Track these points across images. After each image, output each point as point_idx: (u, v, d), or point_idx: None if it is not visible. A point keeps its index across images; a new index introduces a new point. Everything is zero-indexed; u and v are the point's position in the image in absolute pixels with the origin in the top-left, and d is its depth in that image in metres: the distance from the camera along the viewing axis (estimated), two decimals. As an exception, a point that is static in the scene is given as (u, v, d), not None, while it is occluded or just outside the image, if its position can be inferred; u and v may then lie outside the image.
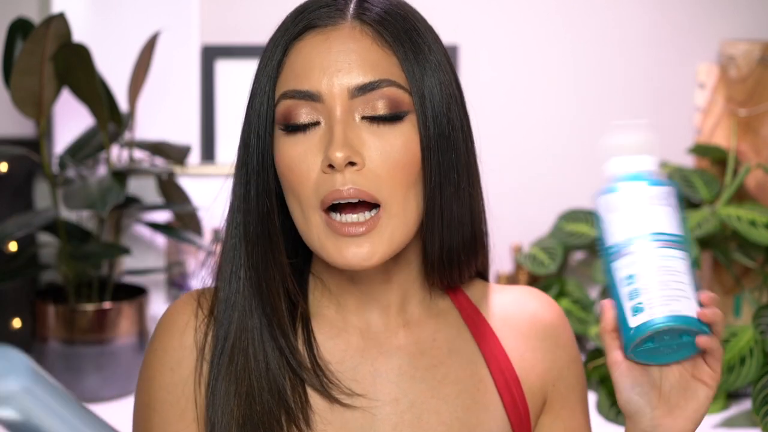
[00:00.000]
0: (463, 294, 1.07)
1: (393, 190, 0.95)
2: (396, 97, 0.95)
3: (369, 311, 1.03)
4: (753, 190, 1.95)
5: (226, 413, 0.98)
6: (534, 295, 1.10)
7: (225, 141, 2.00)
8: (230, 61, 1.99)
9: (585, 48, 2.05)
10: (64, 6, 1.88)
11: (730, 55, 1.98)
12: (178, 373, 1.01)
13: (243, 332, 1.00)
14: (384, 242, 0.95)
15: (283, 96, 0.96)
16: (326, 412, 0.99)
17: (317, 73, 0.95)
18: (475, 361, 1.04)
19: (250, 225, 1.00)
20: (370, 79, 0.95)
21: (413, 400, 1.01)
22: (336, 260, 0.95)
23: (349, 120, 0.95)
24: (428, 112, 0.96)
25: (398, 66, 0.96)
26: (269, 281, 1.00)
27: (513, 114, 2.05)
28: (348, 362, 1.02)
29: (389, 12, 0.98)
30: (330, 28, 0.97)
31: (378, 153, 0.94)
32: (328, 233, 0.95)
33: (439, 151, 0.96)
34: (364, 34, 0.96)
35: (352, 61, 0.95)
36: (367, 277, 1.02)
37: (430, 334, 1.04)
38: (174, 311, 1.04)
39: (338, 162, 0.92)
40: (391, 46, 0.96)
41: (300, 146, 0.95)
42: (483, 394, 1.03)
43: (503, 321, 1.07)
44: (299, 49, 0.97)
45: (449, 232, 0.99)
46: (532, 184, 2.05)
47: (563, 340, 1.08)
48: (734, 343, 1.66)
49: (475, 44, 2.02)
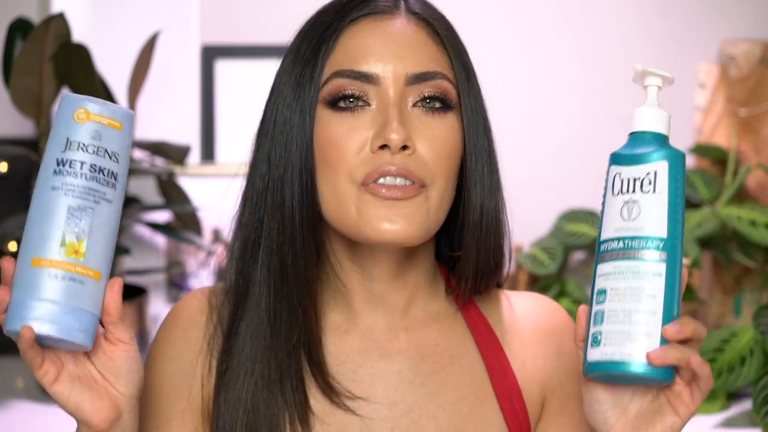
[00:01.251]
0: (471, 301, 1.06)
1: (438, 177, 0.96)
2: (447, 90, 0.97)
3: (374, 312, 1.03)
4: (753, 190, 1.95)
5: (230, 410, 0.99)
6: (540, 302, 1.09)
7: (225, 141, 1.99)
8: (230, 61, 1.99)
9: (585, 48, 2.04)
10: (64, 6, 1.88)
11: (731, 55, 1.98)
12: (176, 365, 1.02)
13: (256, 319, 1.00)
14: (421, 217, 0.94)
15: (336, 74, 0.96)
16: (324, 413, 0.99)
17: (376, 57, 0.96)
18: (477, 368, 1.03)
19: (290, 207, 0.97)
20: (427, 69, 0.96)
21: (411, 404, 1.01)
22: (372, 230, 0.94)
23: (402, 105, 0.96)
24: (472, 112, 0.99)
25: (449, 64, 0.99)
26: (301, 265, 0.98)
27: (512, 114, 2.05)
28: (348, 364, 1.02)
29: (435, 11, 1.02)
30: (388, 15, 0.98)
31: (427, 141, 0.96)
32: (368, 200, 0.94)
33: (478, 151, 0.99)
34: (419, 27, 0.99)
35: (412, 48, 0.97)
36: (378, 274, 1.01)
37: (433, 339, 1.04)
38: (182, 306, 1.05)
39: (395, 143, 0.93)
40: (443, 42, 0.99)
41: (348, 123, 0.95)
42: (482, 403, 1.02)
43: (508, 328, 1.06)
44: (354, 32, 0.97)
45: (487, 237, 1.00)
46: (532, 183, 2.05)
47: (566, 349, 1.05)
48: (734, 343, 1.66)
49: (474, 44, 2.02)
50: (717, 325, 1.95)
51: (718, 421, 1.71)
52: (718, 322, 1.96)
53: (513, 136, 2.05)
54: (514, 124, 2.05)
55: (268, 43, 1.97)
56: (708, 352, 1.68)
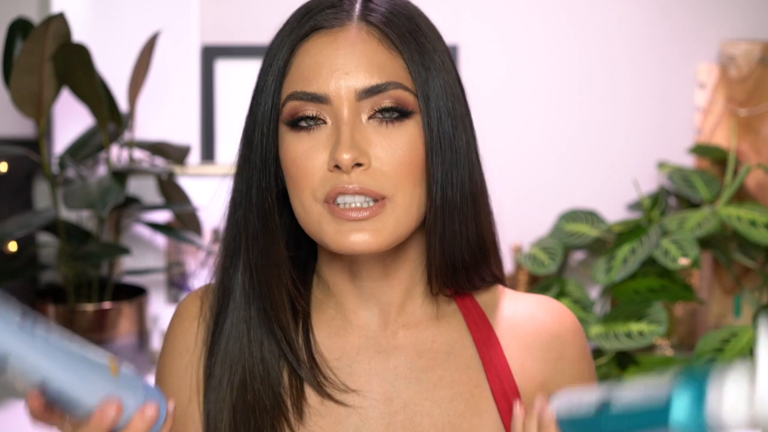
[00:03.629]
0: (471, 299, 1.06)
1: (399, 185, 0.96)
2: (402, 98, 0.96)
3: (369, 309, 1.04)
4: (753, 190, 1.95)
5: (219, 401, 1.00)
6: (547, 306, 1.08)
7: (225, 141, 1.99)
8: (230, 61, 1.99)
9: (585, 48, 2.04)
10: (64, 6, 1.88)
11: (731, 55, 1.98)
12: (186, 359, 1.04)
13: (238, 323, 1.02)
14: (387, 229, 0.96)
15: (291, 97, 0.97)
16: (320, 407, 1.00)
17: (325, 75, 0.96)
18: (474, 366, 1.04)
19: (250, 220, 1.01)
20: (377, 82, 0.96)
21: (407, 400, 1.01)
22: (338, 244, 0.96)
23: (356, 121, 0.96)
24: (433, 112, 0.97)
25: (404, 67, 0.97)
26: (269, 275, 1.01)
27: (512, 114, 2.05)
28: (345, 359, 1.03)
29: (394, 13, 0.99)
30: (337, 29, 0.98)
31: (384, 151, 0.96)
32: (330, 219, 0.96)
33: (442, 150, 0.98)
34: (370, 36, 0.97)
35: (359, 63, 0.96)
36: (367, 273, 1.02)
37: (430, 336, 1.04)
38: (185, 302, 1.08)
39: (345, 163, 0.94)
40: (397, 47, 0.97)
41: (306, 143, 0.97)
42: (478, 400, 1.02)
43: (509, 329, 1.06)
44: (306, 49, 0.98)
45: (451, 235, 1.00)
46: (532, 183, 2.05)
47: (570, 354, 1.06)
48: (734, 343, 1.67)
49: (474, 44, 2.02)
50: (717, 325, 1.95)
51: (718, 421, 1.71)
52: (718, 322, 1.96)
53: (513, 136, 2.06)
54: (514, 124, 2.06)
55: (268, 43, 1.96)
56: (708, 352, 1.68)
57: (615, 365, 1.81)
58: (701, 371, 0.82)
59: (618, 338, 1.73)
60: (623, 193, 2.03)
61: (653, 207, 1.90)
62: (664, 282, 1.79)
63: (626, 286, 1.80)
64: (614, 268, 1.78)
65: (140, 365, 1.80)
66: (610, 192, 2.04)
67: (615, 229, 1.91)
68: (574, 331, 1.07)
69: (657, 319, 1.72)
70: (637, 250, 1.78)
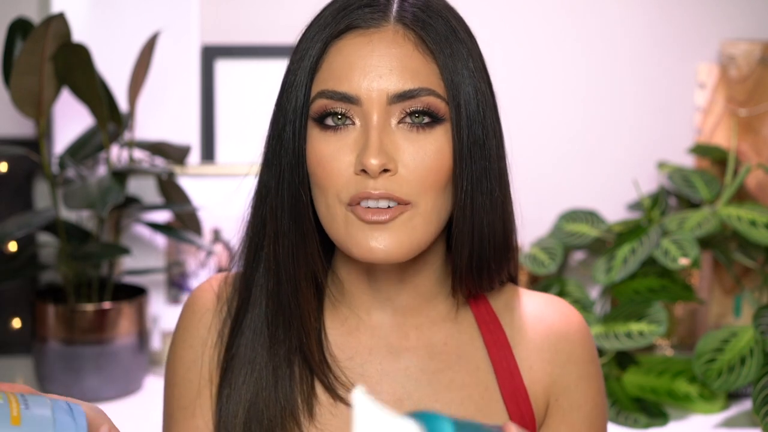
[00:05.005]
0: (484, 301, 1.06)
1: (423, 193, 0.95)
2: (433, 105, 0.96)
3: (382, 311, 1.03)
4: (753, 190, 1.95)
5: (234, 396, 1.00)
6: (556, 307, 1.08)
7: (225, 141, 1.99)
8: (230, 61, 1.99)
9: (585, 48, 2.04)
10: (64, 6, 1.88)
11: (731, 55, 1.98)
12: (199, 351, 1.04)
13: (258, 320, 1.02)
14: (406, 236, 0.95)
15: (321, 95, 0.96)
16: (331, 407, 1.00)
17: (357, 76, 0.95)
18: (484, 369, 1.03)
19: (281, 217, 0.99)
20: (410, 87, 0.95)
21: (417, 402, 1.01)
22: (359, 251, 0.95)
23: (385, 125, 0.95)
24: (463, 121, 0.97)
25: (437, 73, 0.96)
26: (297, 273, 1.00)
27: (512, 114, 2.05)
28: (357, 360, 1.03)
29: (431, 15, 0.98)
30: (373, 29, 0.96)
31: (411, 158, 0.95)
32: (352, 221, 0.95)
33: (472, 159, 0.97)
34: (406, 39, 0.96)
35: (393, 66, 0.95)
36: (384, 277, 1.02)
37: (442, 338, 1.04)
38: (198, 293, 1.07)
39: (372, 169, 0.93)
40: (432, 52, 0.96)
41: (333, 144, 0.96)
42: (488, 403, 1.02)
43: (519, 330, 1.06)
44: (340, 48, 0.97)
45: (480, 241, 0.99)
46: (532, 183, 2.05)
47: (577, 356, 1.06)
48: (734, 343, 1.66)
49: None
50: (717, 325, 1.95)
51: (718, 421, 1.71)
52: (718, 322, 1.96)
53: (513, 136, 2.06)
54: (515, 124, 2.05)
55: (268, 43, 1.97)
56: (708, 352, 1.68)
57: (615, 365, 1.81)
58: None
59: (618, 338, 1.73)
60: (623, 193, 2.03)
61: (653, 207, 1.90)
62: (664, 282, 1.79)
63: (626, 286, 1.80)
64: (614, 268, 1.78)
65: (140, 365, 1.80)
66: (610, 192, 2.04)
67: (615, 229, 1.91)
68: (582, 332, 1.07)
69: (657, 319, 1.72)
70: (637, 250, 1.78)
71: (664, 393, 1.76)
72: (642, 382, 1.78)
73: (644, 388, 1.78)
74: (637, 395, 1.77)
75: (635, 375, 1.80)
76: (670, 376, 1.77)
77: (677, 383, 1.76)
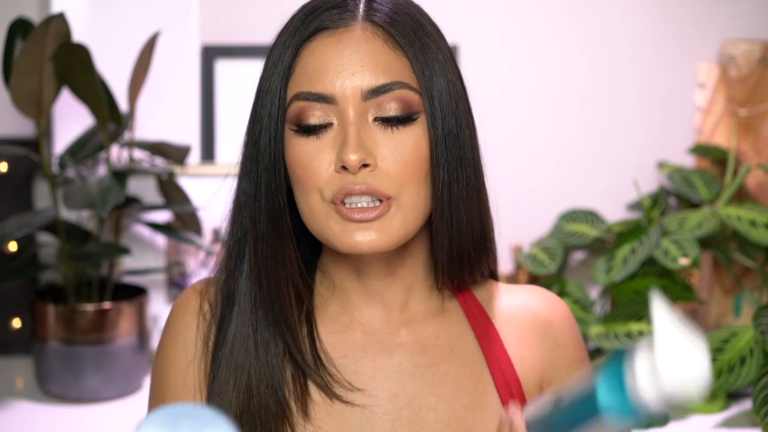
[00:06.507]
0: (470, 294, 1.08)
1: (404, 186, 0.97)
2: (407, 98, 0.97)
3: (372, 307, 1.04)
4: (753, 190, 1.95)
5: (224, 405, 1.00)
6: (539, 295, 1.10)
7: (225, 141, 1.99)
8: (230, 61, 1.99)
9: (585, 48, 2.04)
10: (64, 6, 1.88)
11: (731, 55, 1.98)
12: (189, 354, 1.04)
13: (243, 327, 1.02)
14: (392, 228, 0.96)
15: (296, 97, 0.98)
16: (326, 406, 1.01)
17: (330, 76, 0.96)
18: (476, 360, 1.05)
19: (259, 222, 1.01)
20: (383, 82, 0.96)
21: (412, 396, 1.02)
22: (345, 244, 0.97)
23: (362, 122, 0.96)
24: (437, 111, 0.98)
25: (409, 67, 0.98)
26: (278, 277, 1.01)
27: (512, 114, 2.05)
28: (349, 357, 1.03)
29: (398, 12, 0.99)
30: (342, 29, 0.98)
31: (390, 152, 0.96)
32: (336, 219, 0.97)
33: (447, 149, 0.98)
34: (375, 36, 0.98)
35: (365, 63, 0.96)
36: (372, 272, 1.03)
37: (433, 332, 1.05)
38: (185, 297, 1.07)
39: (352, 164, 0.94)
40: (401, 47, 0.98)
41: (312, 145, 0.97)
42: (482, 393, 1.03)
43: (507, 320, 1.07)
44: (311, 50, 0.98)
45: (458, 231, 1.01)
46: (532, 183, 2.05)
47: (564, 340, 1.08)
48: (734, 343, 1.66)
49: (475, 44, 2.02)
50: (717, 325, 1.95)
51: (718, 421, 1.71)
52: (718, 322, 1.96)
53: (513, 136, 2.06)
54: (514, 124, 2.05)
55: (268, 43, 1.96)
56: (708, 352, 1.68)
57: (615, 365, 1.80)
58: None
59: (618, 338, 1.73)
60: (623, 193, 2.03)
61: (653, 207, 1.90)
62: (664, 282, 1.79)
63: (626, 286, 1.80)
64: (614, 268, 1.78)
65: (140, 365, 1.80)
66: (610, 192, 2.04)
67: (615, 229, 1.91)
68: (566, 317, 1.10)
69: (657, 319, 1.72)
70: (637, 250, 1.78)
71: (664, 393, 1.76)
72: (642, 382, 1.78)
73: (644, 388, 1.77)
74: (637, 395, 1.76)
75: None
76: (670, 376, 1.77)
77: (677, 383, 1.76)
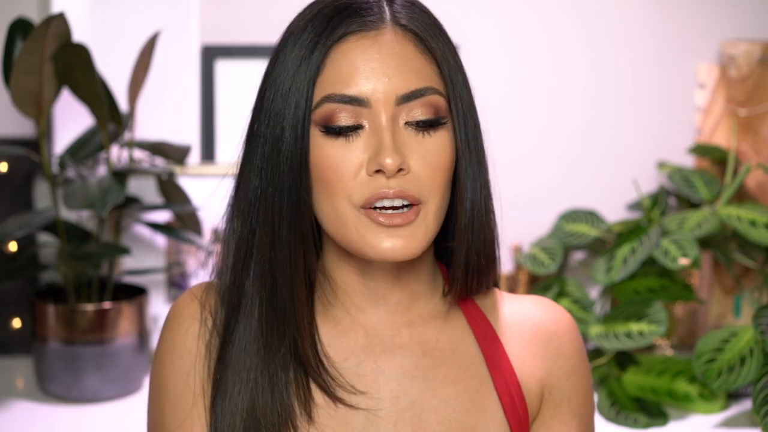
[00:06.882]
0: (472, 302, 1.08)
1: (433, 191, 0.97)
2: (438, 103, 0.97)
3: (375, 309, 1.04)
4: (753, 190, 1.95)
5: (230, 407, 0.99)
6: (543, 305, 1.10)
7: (225, 141, 1.99)
8: (230, 61, 1.99)
9: (585, 48, 2.04)
10: (64, 6, 1.88)
11: (731, 55, 1.98)
12: (188, 361, 1.03)
13: (250, 329, 1.01)
14: (420, 235, 0.96)
15: (326, 99, 0.96)
16: (329, 409, 1.01)
17: (364, 79, 0.95)
18: (477, 363, 1.05)
19: (279, 223, 0.99)
20: (416, 87, 0.96)
21: (413, 398, 1.02)
22: (375, 250, 0.96)
23: (394, 126, 0.96)
24: (461, 117, 0.99)
25: (436, 72, 0.98)
26: (293, 279, 1.00)
27: (513, 114, 2.05)
28: (352, 359, 1.03)
29: (420, 15, 0.99)
30: (374, 32, 0.97)
31: (421, 158, 0.96)
32: (367, 224, 0.96)
33: (470, 154, 0.99)
34: (406, 40, 0.98)
35: (399, 67, 0.96)
36: (379, 274, 1.03)
37: (434, 335, 1.05)
38: (182, 302, 1.06)
39: (390, 168, 0.94)
40: (431, 51, 0.98)
41: (342, 147, 0.96)
42: (482, 396, 1.03)
43: (508, 327, 1.07)
44: (342, 52, 0.97)
45: (479, 239, 1.02)
46: (532, 183, 2.05)
47: (567, 351, 1.08)
48: (734, 343, 1.66)
49: (475, 44, 2.02)
50: (717, 325, 1.95)
51: (718, 421, 1.71)
52: (718, 322, 1.96)
53: (513, 136, 2.06)
54: (515, 124, 2.05)
55: (268, 43, 1.96)
56: (708, 352, 1.68)
57: (615, 365, 1.81)
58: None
59: (618, 338, 1.73)
60: (623, 193, 2.04)
61: (653, 207, 1.90)
62: (664, 282, 1.79)
63: (626, 286, 1.80)
64: (614, 268, 1.78)
65: (140, 365, 1.80)
66: (610, 192, 2.04)
67: (615, 229, 1.91)
68: (570, 329, 1.09)
69: (657, 319, 1.72)
70: (637, 250, 1.78)
71: (664, 393, 1.76)
72: (642, 382, 1.78)
73: (644, 388, 1.78)
74: (637, 395, 1.77)
75: (635, 375, 1.80)
76: (670, 376, 1.77)
77: (677, 383, 1.76)
